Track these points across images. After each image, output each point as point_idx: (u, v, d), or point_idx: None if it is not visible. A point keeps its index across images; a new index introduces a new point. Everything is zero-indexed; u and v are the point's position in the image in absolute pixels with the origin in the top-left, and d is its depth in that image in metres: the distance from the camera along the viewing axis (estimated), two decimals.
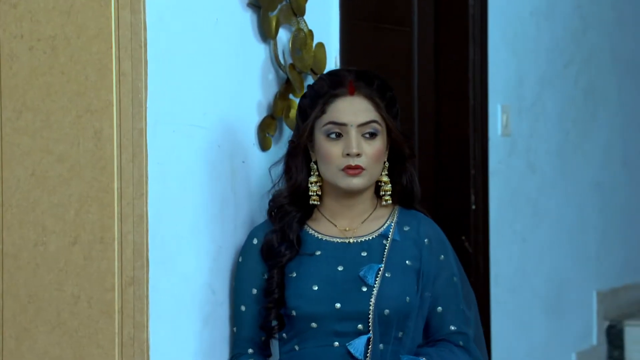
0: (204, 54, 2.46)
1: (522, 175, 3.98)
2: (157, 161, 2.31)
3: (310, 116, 2.37)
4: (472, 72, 3.53)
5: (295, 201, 2.40)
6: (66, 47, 2.30)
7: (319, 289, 2.34)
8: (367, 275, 2.35)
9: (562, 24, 4.22)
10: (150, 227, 2.29)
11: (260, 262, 2.39)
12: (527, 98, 4.02)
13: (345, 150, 2.33)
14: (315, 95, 2.38)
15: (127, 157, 2.29)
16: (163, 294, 2.32)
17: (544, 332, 4.10)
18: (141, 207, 2.29)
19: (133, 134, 2.29)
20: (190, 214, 2.42)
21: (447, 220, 3.53)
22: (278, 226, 2.38)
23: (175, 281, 2.37)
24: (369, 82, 2.38)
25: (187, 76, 2.40)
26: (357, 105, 2.35)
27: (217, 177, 2.51)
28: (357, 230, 2.41)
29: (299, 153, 2.41)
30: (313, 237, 2.40)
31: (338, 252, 2.38)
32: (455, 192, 3.54)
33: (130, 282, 2.29)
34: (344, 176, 2.34)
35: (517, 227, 3.95)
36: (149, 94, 2.28)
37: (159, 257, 2.31)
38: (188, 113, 2.41)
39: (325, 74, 2.50)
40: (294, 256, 2.37)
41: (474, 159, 3.53)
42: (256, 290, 2.40)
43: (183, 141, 2.40)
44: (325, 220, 2.43)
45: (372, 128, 2.35)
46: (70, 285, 2.30)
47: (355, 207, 2.41)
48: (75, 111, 2.30)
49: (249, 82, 2.61)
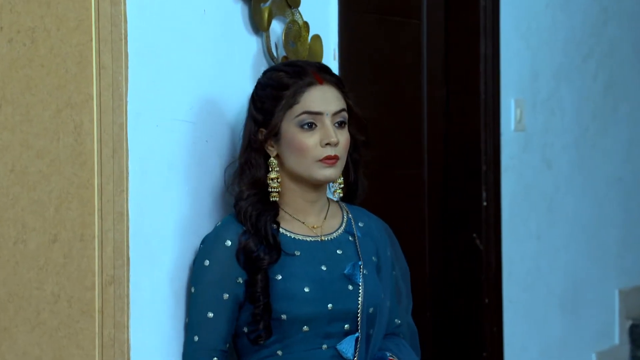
0: (190, 46, 2.39)
1: (537, 171, 3.88)
2: (138, 156, 2.25)
3: (276, 108, 2.29)
4: (483, 65, 3.44)
5: (259, 200, 2.31)
6: (46, 39, 2.25)
7: (310, 290, 2.27)
8: (355, 273, 2.30)
9: (580, 15, 4.12)
10: (131, 225, 2.23)
11: (235, 266, 2.27)
12: (542, 92, 3.92)
13: (324, 139, 2.27)
14: (278, 86, 2.30)
15: (108, 152, 2.23)
16: (145, 294, 2.27)
17: (560, 331, 4.01)
18: (121, 204, 2.23)
19: (113, 128, 2.23)
20: (175, 211, 2.36)
21: (458, 218, 3.46)
22: (252, 229, 2.28)
23: (158, 280, 2.31)
24: (329, 73, 2.35)
25: (172, 69, 2.34)
26: (329, 93, 2.30)
27: (206, 173, 2.44)
28: (324, 228, 2.35)
29: (260, 149, 2.33)
30: (287, 237, 2.32)
31: (316, 251, 2.32)
32: (465, 189, 3.45)
33: (111, 281, 2.23)
34: (321, 167, 2.28)
35: (531, 224, 3.85)
36: (130, 87, 2.22)
37: (140, 255, 2.25)
38: (172, 107, 2.34)
39: (278, 65, 2.42)
40: (277, 260, 2.28)
41: (485, 155, 3.44)
42: (228, 295, 2.27)
43: (167, 136, 2.33)
44: (291, 218, 2.35)
45: (342, 117, 2.31)
46: (50, 283, 2.24)
47: (317, 203, 2.36)
48: (55, 105, 2.24)
49: (240, 76, 2.54)
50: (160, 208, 2.31)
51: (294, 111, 2.29)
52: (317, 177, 2.29)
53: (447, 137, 3.46)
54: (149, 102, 2.27)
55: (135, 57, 2.23)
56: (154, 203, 2.29)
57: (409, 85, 3.29)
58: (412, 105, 3.30)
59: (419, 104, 3.33)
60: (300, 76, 2.30)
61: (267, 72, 2.39)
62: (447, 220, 3.49)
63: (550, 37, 3.94)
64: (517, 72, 3.74)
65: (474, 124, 3.44)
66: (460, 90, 3.44)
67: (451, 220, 3.50)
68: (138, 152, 2.25)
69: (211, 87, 2.46)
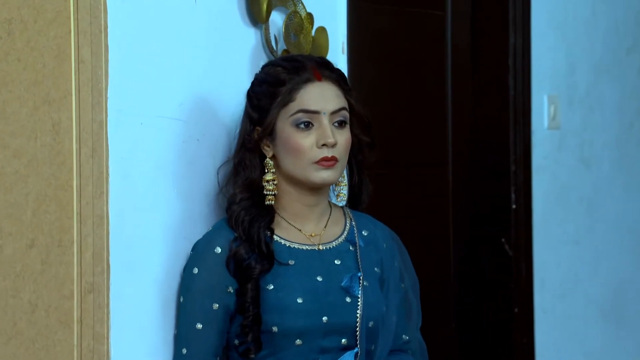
0: (179, 39, 2.25)
1: (574, 171, 3.69)
2: (120, 156, 2.13)
3: (272, 105, 2.17)
4: (512, 59, 3.25)
5: (254, 204, 2.20)
6: (23, 32, 2.11)
7: (304, 301, 2.15)
8: (353, 284, 2.19)
9: (623, 5, 3.90)
10: (112, 229, 2.11)
11: (225, 274, 2.15)
12: (579, 88, 3.72)
13: (321, 140, 2.15)
14: (275, 82, 2.18)
15: (87, 151, 2.10)
16: (127, 303, 2.14)
17: (600, 342, 3.82)
18: (101, 206, 2.11)
19: (93, 126, 2.10)
20: (162, 214, 2.22)
21: (485, 221, 3.28)
22: (244, 235, 2.16)
23: (143, 288, 2.18)
24: (331, 68, 2.22)
25: (158, 64, 2.21)
26: (327, 91, 2.18)
27: (198, 174, 2.31)
28: (323, 236, 2.22)
29: (255, 149, 2.21)
30: (282, 245, 2.20)
31: (312, 261, 2.20)
32: (493, 191, 3.28)
33: (90, 289, 2.10)
34: (318, 169, 2.16)
35: (568, 227, 3.66)
36: (110, 82, 2.11)
37: (121, 261, 2.13)
38: (159, 104, 2.22)
39: (277, 59, 2.29)
40: (269, 269, 2.16)
41: (514, 155, 3.26)
42: (218, 305, 2.15)
43: (153, 135, 2.21)
44: (287, 224, 2.23)
45: (342, 116, 2.19)
46: (27, 292, 2.11)
47: (316, 208, 2.24)
48: (33, 102, 2.11)
49: (236, 71, 2.40)
50: (145, 211, 2.18)
51: (289, 109, 2.17)
52: (314, 179, 2.17)
53: (473, 136, 3.28)
54: (132, 99, 2.15)
55: (116, 51, 2.11)
56: (138, 206, 2.17)
57: (432, 82, 3.12)
58: (435, 102, 3.14)
59: (443, 101, 3.16)
60: (298, 72, 2.18)
61: (265, 66, 2.27)
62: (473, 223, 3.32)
63: (589, 29, 3.74)
64: (551, 66, 3.55)
65: (503, 122, 3.25)
66: (487, 86, 3.26)
67: (478, 223, 3.32)
68: (119, 151, 2.13)
69: (203, 83, 2.33)
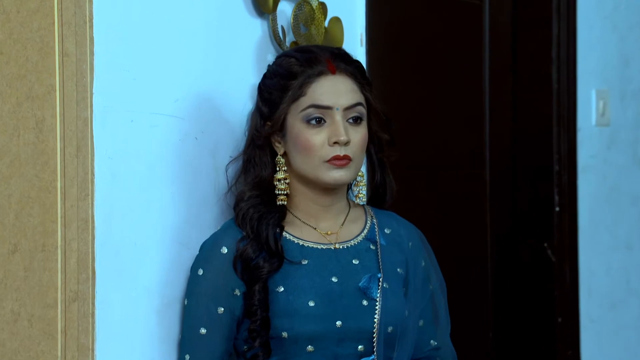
0: (175, 29, 2.12)
1: (626, 171, 3.47)
2: (107, 156, 2.01)
3: (282, 99, 2.05)
4: (556, 51, 3.05)
5: (262, 202, 2.08)
6: (5, 24, 1.99)
7: (316, 304, 2.02)
8: (371, 286, 2.06)
9: None
10: (98, 234, 1.99)
11: (231, 276, 2.03)
12: (633, 82, 3.49)
13: (332, 137, 2.03)
14: (287, 75, 2.06)
15: (72, 151, 1.98)
16: (114, 312, 2.02)
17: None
18: (86, 209, 1.98)
19: (77, 123, 1.98)
20: (155, 217, 2.08)
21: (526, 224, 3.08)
22: (251, 233, 2.04)
23: (132, 297, 2.05)
24: (347, 60, 2.09)
25: (150, 57, 2.08)
26: (341, 85, 2.05)
27: (196, 175, 2.17)
28: (340, 234, 2.09)
29: (265, 145, 2.09)
30: (294, 244, 2.08)
31: (327, 261, 2.07)
32: (535, 192, 3.08)
33: (75, 298, 1.97)
34: (329, 168, 2.03)
35: (618, 231, 3.43)
36: (96, 77, 1.99)
37: (109, 268, 2.01)
38: (152, 100, 2.08)
39: (291, 50, 2.16)
40: (279, 267, 2.03)
41: (558, 153, 3.06)
42: (223, 309, 2.03)
43: (146, 132, 2.07)
44: (301, 223, 2.11)
45: (357, 112, 2.06)
46: (9, 300, 1.98)
47: (332, 207, 2.11)
48: (16, 97, 1.98)
49: (240, 64, 2.25)
50: (135, 215, 2.05)
51: (300, 104, 2.04)
52: (325, 179, 2.04)
53: (513, 133, 3.08)
54: (121, 94, 2.03)
55: (102, 43, 1.99)
56: (128, 209, 2.04)
57: (467, 76, 2.94)
58: (471, 98, 2.96)
59: (480, 96, 2.98)
60: (311, 64, 2.06)
61: (278, 57, 2.15)
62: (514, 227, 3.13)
63: None
64: (600, 59, 3.34)
65: (546, 119, 3.05)
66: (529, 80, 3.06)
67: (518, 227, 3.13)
68: (107, 151, 2.00)
69: (203, 77, 2.18)
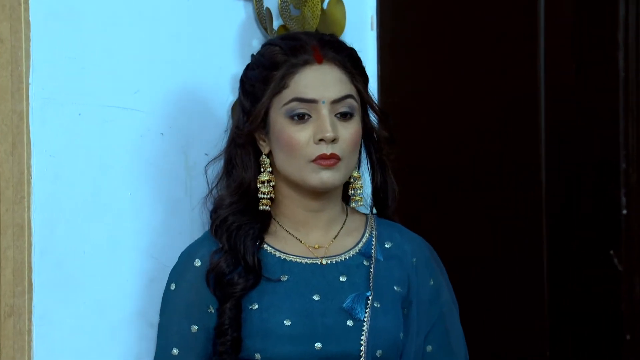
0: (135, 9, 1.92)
1: None
2: (48, 154, 1.82)
3: (264, 92, 1.85)
4: (623, 34, 2.69)
5: (244, 210, 1.87)
6: None
7: (292, 324, 1.82)
8: (355, 306, 1.86)
9: None
10: (36, 241, 1.82)
11: (205, 291, 1.84)
12: None
13: (318, 134, 1.83)
14: (269, 65, 1.86)
15: (7, 148, 1.81)
16: (57, 329, 1.83)
17: None
18: (21, 214, 1.79)
19: (12, 118, 1.79)
20: (109, 223, 1.88)
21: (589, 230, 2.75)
22: (227, 245, 1.85)
23: (80, 313, 1.86)
24: (337, 48, 1.88)
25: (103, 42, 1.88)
26: (328, 75, 1.85)
27: (162, 175, 1.97)
28: (330, 248, 1.89)
29: (247, 144, 1.88)
30: (274, 258, 1.87)
31: (310, 277, 1.87)
32: (599, 194, 2.73)
33: (10, 313, 1.80)
34: (315, 169, 1.83)
35: None
36: (33, 65, 1.81)
37: (50, 280, 1.82)
38: (104, 91, 1.88)
39: (276, 37, 1.96)
40: (255, 285, 1.84)
41: (625, 149, 2.70)
42: (197, 328, 1.84)
43: (96, 128, 1.88)
44: (285, 234, 1.90)
45: (348, 105, 1.85)
46: None
47: (323, 214, 1.90)
48: None
49: (219, 52, 2.04)
50: (84, 220, 1.85)
51: (283, 97, 1.85)
52: (311, 182, 1.84)
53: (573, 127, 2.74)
54: (66, 85, 1.84)
55: (40, 26, 1.81)
56: (74, 214, 1.84)
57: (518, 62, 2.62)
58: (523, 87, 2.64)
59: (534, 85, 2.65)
60: (295, 53, 1.86)
61: (263, 46, 1.97)
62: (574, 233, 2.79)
63: None
64: None
65: (611, 110, 2.69)
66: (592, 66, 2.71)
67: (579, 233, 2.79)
68: (47, 148, 1.82)
69: (173, 66, 1.98)
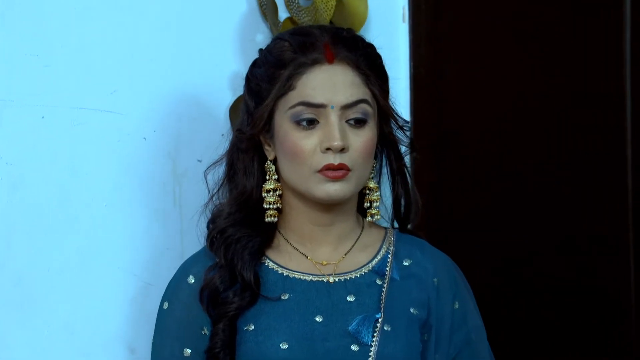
0: None
1: None
2: (4, 161, 1.73)
3: (269, 93, 1.70)
4: None
5: (245, 221, 1.73)
6: None
7: (289, 347, 1.69)
8: (361, 329, 1.72)
9: None
10: None
11: (198, 311, 1.72)
12: None
13: (324, 142, 1.68)
14: (275, 63, 1.70)
15: None
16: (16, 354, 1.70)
17: None
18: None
19: None
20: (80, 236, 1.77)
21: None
22: (223, 259, 1.71)
23: (46, 335, 1.73)
24: (351, 45, 1.71)
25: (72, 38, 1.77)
26: (339, 77, 1.70)
27: (144, 183, 1.83)
28: (340, 265, 1.74)
29: (250, 149, 1.73)
30: (276, 274, 1.73)
31: (314, 296, 1.73)
32: None
33: None
34: (321, 181, 1.69)
35: None
36: None
37: (7, 300, 1.69)
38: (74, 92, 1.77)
39: (285, 32, 1.78)
40: (251, 304, 1.70)
41: None
42: (190, 351, 1.71)
43: (63, 132, 1.77)
44: (290, 249, 1.74)
45: (360, 111, 1.71)
46: None
47: (333, 229, 1.75)
48: None
49: (217, 47, 1.91)
50: (48, 234, 1.74)
51: (289, 100, 1.69)
52: (317, 194, 1.69)
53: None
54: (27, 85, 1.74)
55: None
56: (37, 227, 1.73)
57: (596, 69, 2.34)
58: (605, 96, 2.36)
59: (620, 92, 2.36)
60: (305, 50, 1.69)
61: (272, 41, 1.81)
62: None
63: None
64: None
65: None
66: None
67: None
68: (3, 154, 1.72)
69: (162, 63, 1.85)
